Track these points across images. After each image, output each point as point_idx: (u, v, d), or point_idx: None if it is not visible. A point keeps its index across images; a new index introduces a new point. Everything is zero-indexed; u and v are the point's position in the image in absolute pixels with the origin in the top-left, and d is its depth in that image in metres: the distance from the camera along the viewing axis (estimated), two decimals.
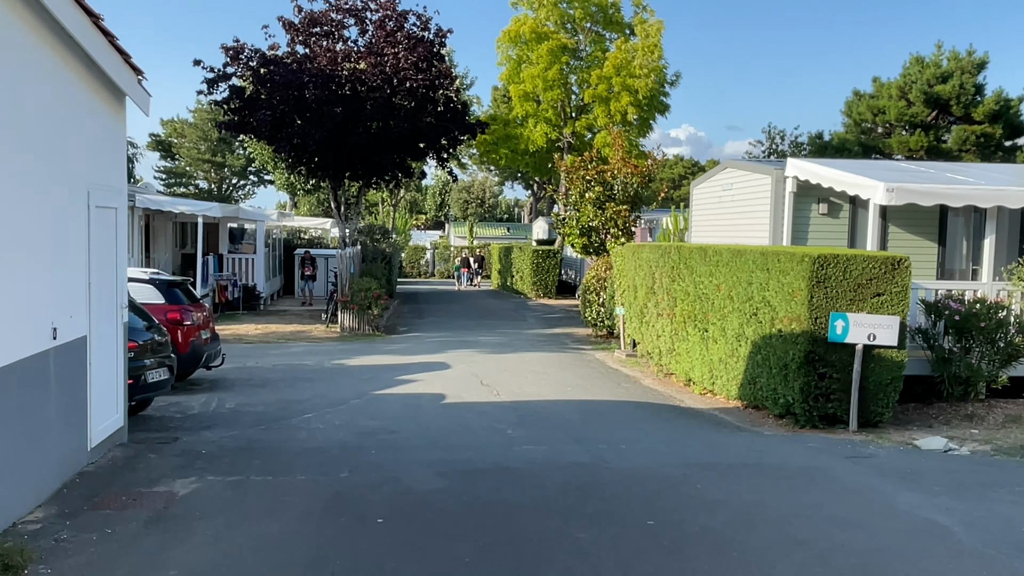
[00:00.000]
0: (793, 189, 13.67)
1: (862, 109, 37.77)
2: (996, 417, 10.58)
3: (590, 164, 20.54)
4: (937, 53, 36.32)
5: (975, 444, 9.41)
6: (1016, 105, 34.68)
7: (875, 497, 7.03)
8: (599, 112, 30.31)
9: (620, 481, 7.33)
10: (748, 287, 10.95)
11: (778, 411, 10.39)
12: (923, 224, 14.06)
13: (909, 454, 8.91)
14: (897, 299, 9.76)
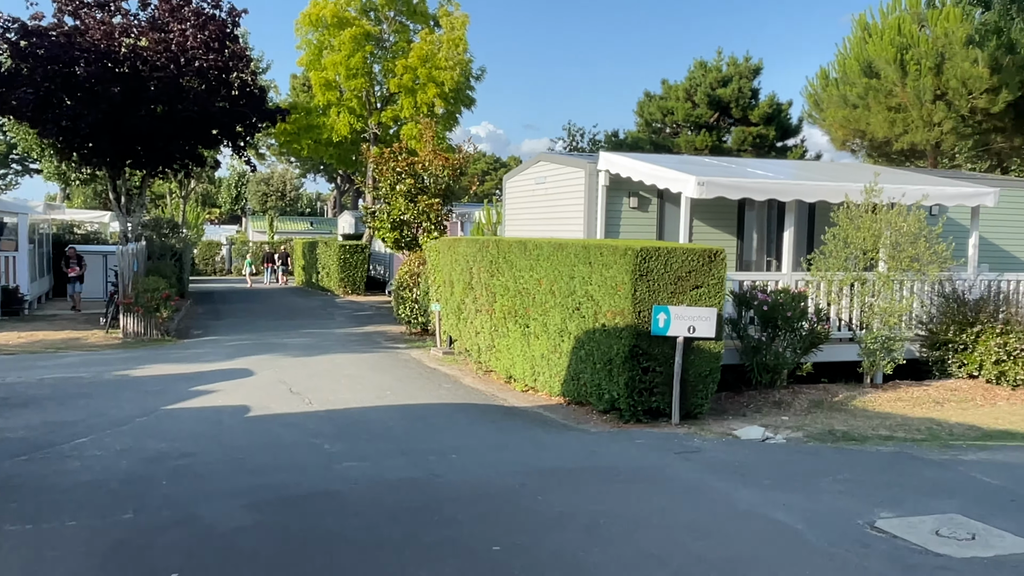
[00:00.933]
0: (606, 183, 13.59)
1: (652, 110, 39.53)
2: (801, 403, 10.94)
3: (400, 156, 19.66)
4: (718, 58, 38.69)
5: (788, 431, 9.60)
6: (786, 109, 37.64)
7: (715, 497, 6.80)
8: (405, 103, 29.43)
9: (457, 498, 6.62)
10: (570, 281, 10.62)
11: (603, 407, 10.13)
12: (723, 218, 14.50)
13: (732, 446, 8.89)
14: (714, 291, 9.77)
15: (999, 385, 11.65)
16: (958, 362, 11.91)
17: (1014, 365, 11.42)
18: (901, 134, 21.52)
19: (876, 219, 11.41)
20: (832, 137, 24.77)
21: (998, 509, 6.71)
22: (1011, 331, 11.52)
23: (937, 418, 10.41)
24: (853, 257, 11.59)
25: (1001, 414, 10.66)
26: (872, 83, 21.83)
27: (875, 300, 11.54)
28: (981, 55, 19.80)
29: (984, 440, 9.38)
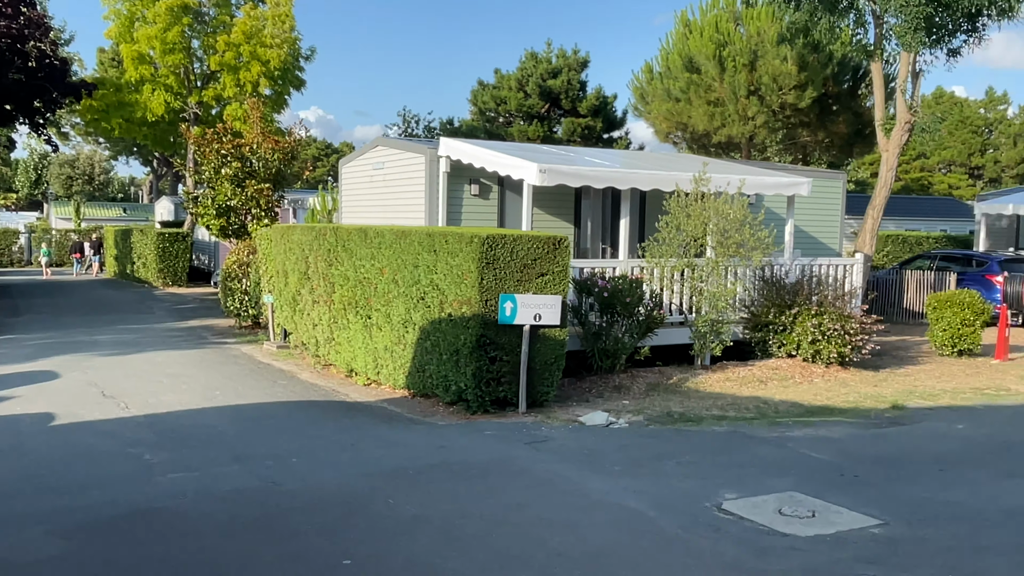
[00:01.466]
0: (447, 169, 13.26)
1: (486, 99, 39.55)
2: (640, 386, 11.14)
3: (225, 137, 18.34)
4: (548, 50, 39.23)
5: (630, 415, 9.71)
6: (612, 102, 38.76)
7: (568, 488, 6.67)
8: (228, 82, 27.66)
9: (300, 508, 6.08)
10: (415, 270, 10.21)
11: (449, 398, 9.83)
12: (561, 206, 14.57)
13: (579, 432, 8.86)
14: (559, 279, 9.70)
15: (815, 363, 12.41)
16: (778, 343, 12.58)
17: (828, 344, 12.19)
18: (720, 127, 22.69)
19: (705, 207, 11.80)
20: (656, 129, 25.74)
21: (830, 484, 7.02)
22: (825, 312, 12.28)
23: (763, 396, 10.92)
24: (685, 244, 11.93)
25: (819, 390, 11.35)
26: (693, 78, 22.83)
27: (705, 285, 11.95)
28: (790, 53, 21.19)
29: (807, 416, 9.91)
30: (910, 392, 11.42)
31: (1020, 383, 12.32)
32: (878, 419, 9.84)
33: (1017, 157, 57.08)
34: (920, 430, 9.33)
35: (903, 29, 15.35)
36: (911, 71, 16.81)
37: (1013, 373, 13.14)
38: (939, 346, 14.66)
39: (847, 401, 10.77)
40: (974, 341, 14.44)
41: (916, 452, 8.31)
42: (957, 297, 14.53)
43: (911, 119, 16.78)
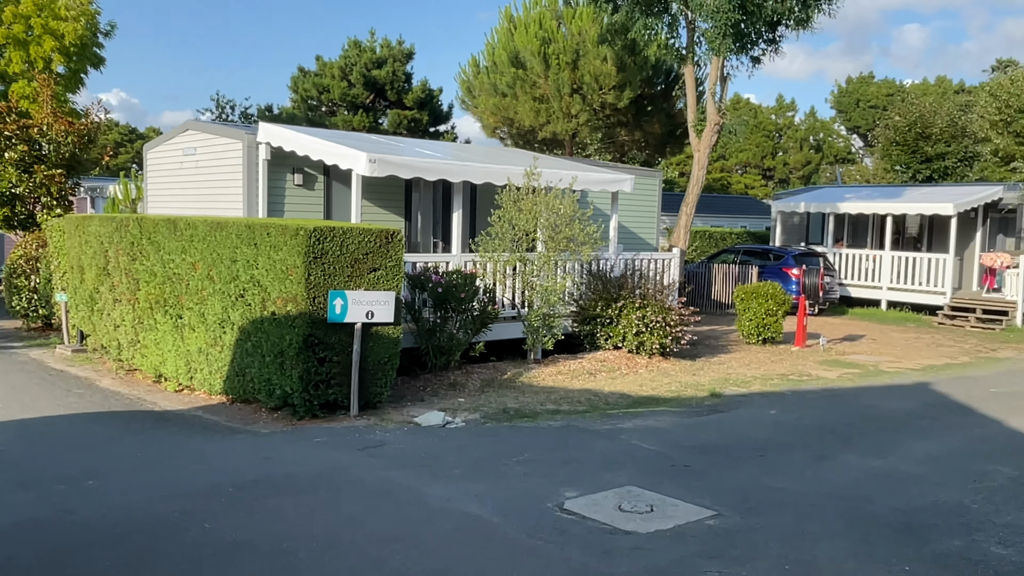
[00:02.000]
0: (267, 157, 12.35)
1: (308, 86, 37.96)
2: (474, 383, 10.90)
3: (8, 117, 16.21)
4: (371, 39, 38.22)
5: (466, 413, 9.43)
6: (438, 95, 38.39)
7: (407, 497, 6.26)
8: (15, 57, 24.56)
9: (98, 540, 5.25)
10: (232, 265, 9.36)
11: (274, 403, 9.10)
12: (391, 198, 14.04)
13: (415, 435, 8.45)
14: (392, 274, 9.24)
15: (639, 354, 12.71)
16: (606, 335, 12.77)
17: (651, 336, 12.53)
18: (545, 123, 22.97)
19: (537, 202, 11.73)
20: (484, 124, 25.69)
21: (663, 476, 7.07)
22: (648, 305, 12.60)
23: (594, 389, 11.00)
24: (517, 238, 11.81)
25: (644, 381, 11.60)
26: (520, 73, 22.95)
27: (537, 279, 11.90)
28: (610, 54, 21.78)
29: (635, 407, 10.06)
30: (725, 380, 11.94)
31: (818, 368, 13.25)
32: (699, 407, 10.17)
33: (803, 160, 62.62)
34: (738, 417, 9.72)
35: (713, 35, 16.11)
36: (720, 75, 17.71)
37: (811, 359, 14.13)
38: (746, 335, 15.55)
39: (670, 391, 11.07)
40: (777, 330, 15.44)
41: (737, 439, 8.60)
42: (762, 289, 15.47)
43: (720, 121, 17.70)
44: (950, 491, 6.86)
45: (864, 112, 75.92)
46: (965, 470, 7.55)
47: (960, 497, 6.71)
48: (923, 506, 6.45)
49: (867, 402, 10.79)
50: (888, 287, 21.87)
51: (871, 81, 78.46)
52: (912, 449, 8.32)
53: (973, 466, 7.70)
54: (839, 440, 8.66)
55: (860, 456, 8.00)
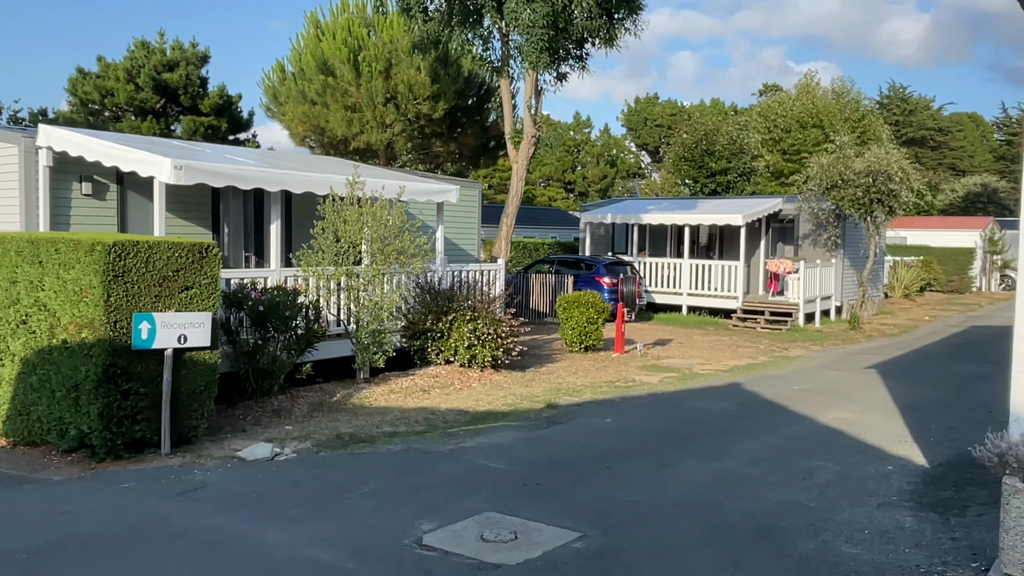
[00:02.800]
0: (49, 163, 10.79)
1: (89, 89, 34.46)
2: (301, 408, 10.07)
3: None
4: (161, 40, 35.39)
5: (296, 442, 8.63)
6: (237, 101, 36.21)
7: (242, 547, 5.48)
8: None
9: None
10: (12, 287, 7.97)
11: (67, 445, 7.81)
12: (196, 209, 12.80)
13: (242, 472, 7.56)
14: (207, 292, 8.27)
15: (471, 368, 12.40)
16: (437, 349, 12.34)
17: (483, 348, 12.25)
18: (358, 133, 22.17)
19: (363, 212, 11.09)
20: (292, 132, 24.41)
21: (519, 497, 6.75)
22: (479, 317, 12.32)
23: (429, 407, 10.53)
24: (343, 251, 11.10)
25: (479, 395, 11.29)
26: (330, 81, 22.00)
27: (365, 294, 11.25)
28: (423, 64, 21.42)
29: (475, 424, 9.70)
30: (557, 390, 11.90)
31: (640, 374, 13.60)
32: (538, 420, 10.00)
33: (600, 174, 65.72)
34: (577, 427, 9.64)
35: (530, 49, 16.21)
36: (535, 89, 17.90)
37: (632, 365, 14.50)
38: (569, 343, 15.72)
39: (507, 404, 10.84)
40: (598, 337, 15.74)
41: (581, 451, 8.48)
42: (583, 298, 15.70)
43: (537, 133, 17.87)
44: (787, 490, 7.08)
45: (651, 130, 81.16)
46: (794, 468, 7.87)
47: (797, 496, 6.94)
48: (769, 508, 6.58)
49: (691, 405, 11.13)
50: (688, 293, 23.14)
51: (656, 102, 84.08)
52: (742, 450, 8.59)
53: (800, 463, 8.05)
54: (675, 445, 8.78)
55: (698, 460, 8.13)
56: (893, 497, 6.89)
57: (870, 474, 7.67)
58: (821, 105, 41.10)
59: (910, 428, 9.74)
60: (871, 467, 7.94)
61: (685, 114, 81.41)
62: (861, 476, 7.60)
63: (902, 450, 8.65)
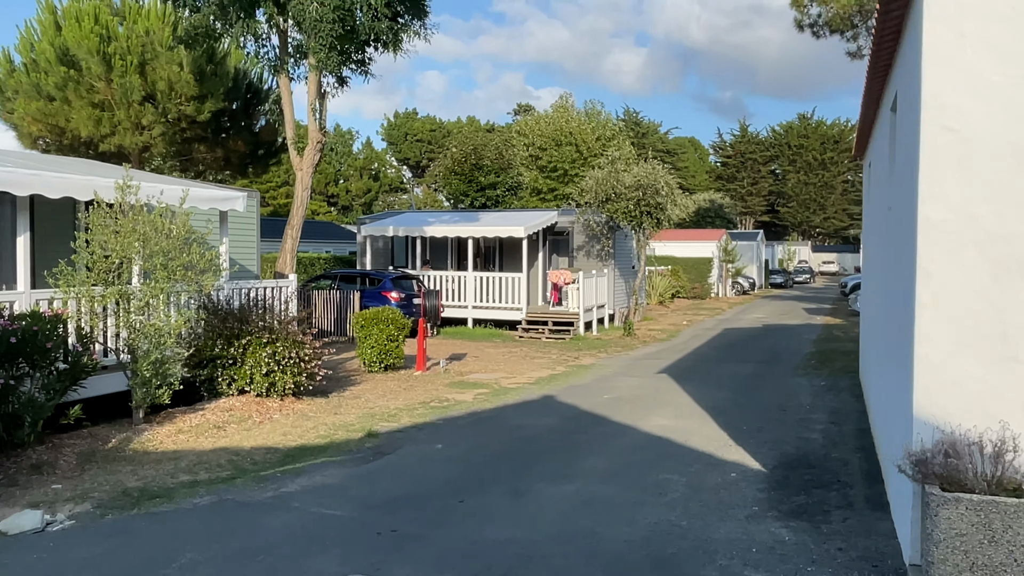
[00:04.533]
0: None
1: None
2: (69, 460, 8.15)
3: None
4: None
5: (71, 505, 6.88)
6: None
7: None
8: None
9: None
10: None
11: None
12: None
13: (5, 553, 5.78)
14: None
15: (270, 397, 10.98)
16: (228, 379, 10.79)
17: (283, 374, 10.88)
18: (108, 135, 19.24)
19: (141, 221, 9.33)
20: (20, 132, 20.69)
21: (378, 551, 5.76)
22: (278, 339, 10.94)
23: (231, 446, 9.05)
24: (115, 268, 9.25)
25: (285, 428, 9.95)
26: (72, 74, 18.92)
27: (143, 317, 9.45)
28: (187, 60, 19.13)
29: (291, 463, 8.44)
30: (371, 415, 10.87)
31: (451, 392, 12.90)
32: (362, 452, 8.94)
33: (364, 188, 64.31)
34: (408, 458, 8.72)
35: (318, 46, 14.96)
36: (319, 91, 16.62)
37: (439, 383, 13.76)
38: (369, 363, 14.63)
39: (320, 436, 9.63)
40: (399, 356, 14.81)
41: (424, 485, 7.60)
42: (382, 314, 14.70)
43: (322, 139, 16.60)
44: (653, 510, 6.74)
45: (412, 145, 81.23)
46: (646, 483, 7.59)
47: (665, 515, 6.61)
48: (646, 533, 6.17)
49: (515, 422, 10.63)
50: (473, 306, 22.86)
51: (415, 117, 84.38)
52: (588, 467, 8.19)
53: (648, 477, 7.80)
54: (520, 468, 8.18)
55: (551, 483, 7.60)
56: (754, 507, 6.78)
57: (718, 483, 7.58)
58: (575, 125, 43.15)
59: (727, 431, 9.95)
60: (715, 476, 7.86)
61: (444, 130, 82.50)
62: (711, 486, 7.48)
63: (733, 455, 8.73)
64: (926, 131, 4.59)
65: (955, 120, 4.52)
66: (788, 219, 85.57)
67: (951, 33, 4.53)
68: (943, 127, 4.55)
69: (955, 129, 4.53)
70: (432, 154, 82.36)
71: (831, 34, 29.88)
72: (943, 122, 4.54)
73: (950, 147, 4.54)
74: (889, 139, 7.51)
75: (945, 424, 4.49)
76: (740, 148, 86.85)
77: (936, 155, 4.56)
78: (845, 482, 7.47)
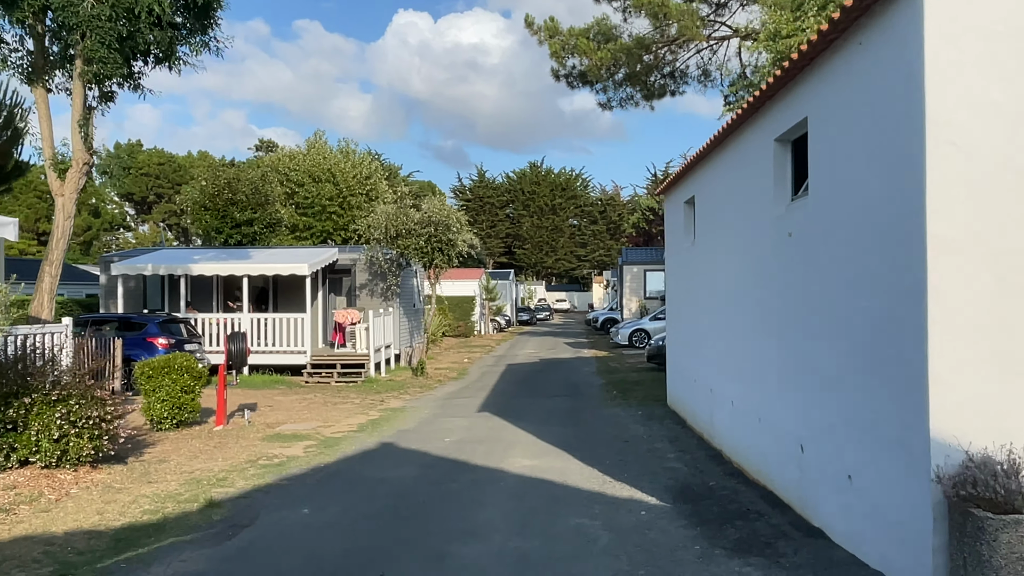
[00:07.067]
0: None
1: None
2: None
3: None
4: None
5: None
6: None
7: None
8: None
9: None
10: None
11: None
12: None
13: None
14: None
15: (60, 467, 8.82)
16: (6, 448, 8.50)
17: (79, 439, 8.80)
18: None
19: None
20: None
21: None
22: (71, 396, 8.85)
23: (35, 534, 7.03)
24: None
25: (97, 506, 7.99)
26: None
27: None
28: None
29: (129, 550, 6.73)
30: (195, 481, 9.14)
31: (272, 446, 11.37)
32: (212, 527, 7.41)
33: (84, 224, 56.88)
34: (275, 529, 7.35)
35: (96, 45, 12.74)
36: (85, 106, 14.21)
37: (251, 437, 12.11)
38: (158, 420, 12.42)
39: (146, 511, 7.86)
40: (195, 409, 12.79)
41: (322, 560, 6.39)
42: (175, 361, 12.60)
43: (90, 160, 14.17)
44: (597, 564, 6.22)
45: (138, 179, 73.96)
46: (563, 531, 7.06)
47: (616, 565, 6.14)
48: None
49: (373, 475, 9.52)
50: (251, 351, 20.76)
51: (140, 149, 77.09)
52: (489, 520, 7.47)
53: (559, 524, 7.28)
54: (418, 529, 7.23)
55: (465, 543, 6.78)
56: (696, 547, 6.50)
57: (637, 523, 7.24)
58: (333, 162, 41.91)
59: (594, 467, 9.71)
60: (626, 516, 7.52)
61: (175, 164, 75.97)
62: (631, 527, 7.12)
63: (621, 491, 8.47)
64: (932, 148, 4.66)
65: (959, 137, 4.64)
66: (524, 260, 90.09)
67: (951, 50, 4.66)
68: (948, 143, 4.64)
69: (959, 145, 4.64)
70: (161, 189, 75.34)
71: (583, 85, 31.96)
72: (948, 138, 4.63)
73: (954, 163, 4.64)
74: (776, 170, 7.79)
75: (964, 444, 4.50)
76: (478, 192, 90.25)
77: (943, 172, 4.64)
78: (756, 511, 7.49)
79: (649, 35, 28.84)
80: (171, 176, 75.22)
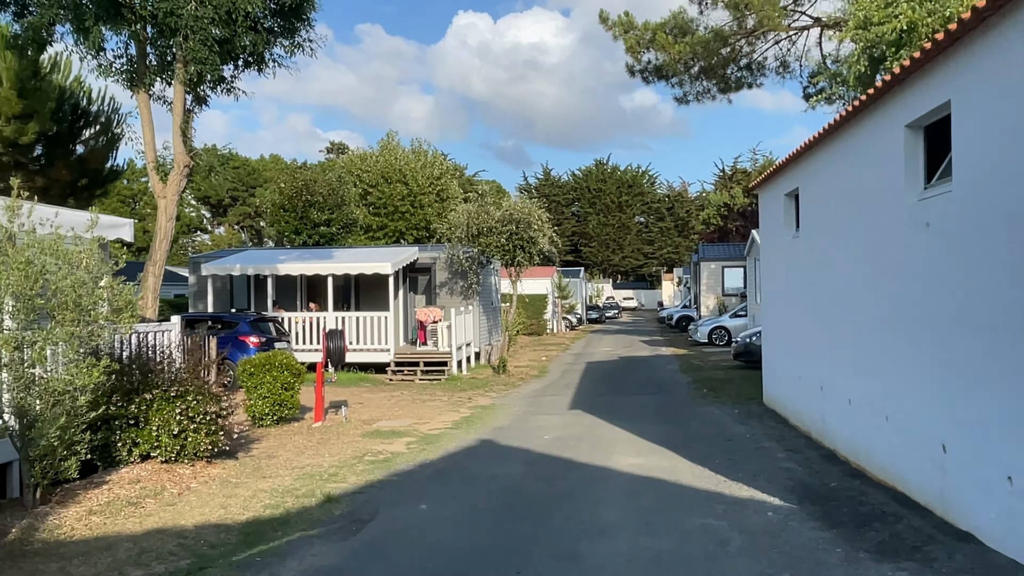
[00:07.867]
0: None
1: None
2: None
3: None
4: None
5: None
6: None
7: None
8: None
9: None
10: None
11: None
12: None
13: None
14: None
15: (179, 462, 9.02)
16: (130, 443, 8.74)
17: (197, 434, 8.99)
18: None
19: (41, 250, 7.28)
20: None
21: None
22: (189, 392, 9.06)
23: (165, 527, 7.19)
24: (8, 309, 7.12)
25: (218, 500, 8.14)
26: None
27: (39, 371, 7.33)
28: (7, 72, 16.04)
29: (261, 543, 6.81)
30: (308, 476, 9.25)
31: (375, 443, 11.46)
32: (334, 521, 7.45)
33: None
34: (399, 525, 7.35)
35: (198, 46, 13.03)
36: (184, 109, 14.58)
37: (353, 434, 12.23)
38: (260, 416, 12.66)
39: (268, 505, 7.97)
40: (295, 406, 13.02)
41: (453, 557, 6.35)
42: (275, 359, 12.84)
43: (190, 162, 14.55)
44: (736, 562, 5.99)
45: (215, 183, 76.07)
46: (691, 531, 6.86)
47: (758, 568, 5.89)
48: None
49: (482, 472, 9.48)
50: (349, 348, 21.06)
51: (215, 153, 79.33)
52: (613, 520, 7.32)
53: (685, 524, 7.08)
54: (541, 527, 7.12)
55: (592, 541, 6.64)
56: (837, 550, 6.24)
57: (765, 525, 6.99)
58: (404, 162, 42.30)
59: (703, 466, 9.46)
60: (752, 517, 7.27)
61: (249, 167, 78.02)
62: (761, 529, 6.87)
63: (740, 491, 8.21)
64: None
65: None
66: (590, 258, 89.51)
67: None
68: None
69: None
70: (236, 192, 77.48)
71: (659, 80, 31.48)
72: None
73: None
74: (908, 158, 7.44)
75: None
76: (544, 191, 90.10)
77: None
78: (891, 513, 7.16)
79: (727, 27, 28.23)
80: (245, 179, 77.26)
